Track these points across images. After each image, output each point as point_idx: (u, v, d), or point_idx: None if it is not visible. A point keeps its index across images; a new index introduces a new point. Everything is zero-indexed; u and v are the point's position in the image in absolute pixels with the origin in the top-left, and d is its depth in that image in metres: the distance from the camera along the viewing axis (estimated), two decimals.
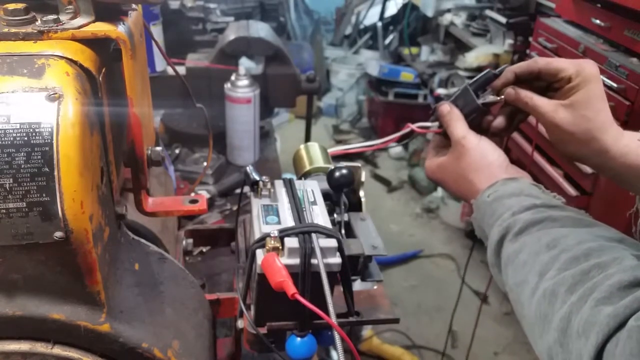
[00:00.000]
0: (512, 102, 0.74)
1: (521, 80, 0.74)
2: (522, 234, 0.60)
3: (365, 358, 2.29)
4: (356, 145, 0.89)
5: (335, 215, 0.85)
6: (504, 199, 0.65)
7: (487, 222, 0.67)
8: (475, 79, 0.78)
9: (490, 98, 0.76)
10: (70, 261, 0.57)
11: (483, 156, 0.72)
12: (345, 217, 0.86)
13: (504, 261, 0.62)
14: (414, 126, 0.81)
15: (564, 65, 0.70)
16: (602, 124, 0.68)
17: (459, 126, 0.74)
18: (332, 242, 0.71)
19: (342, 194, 0.86)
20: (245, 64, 1.77)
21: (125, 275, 0.68)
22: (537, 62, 0.72)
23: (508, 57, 2.70)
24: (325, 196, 0.85)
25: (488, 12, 3.03)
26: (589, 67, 0.69)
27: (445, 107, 0.77)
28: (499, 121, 0.77)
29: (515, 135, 2.39)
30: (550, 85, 0.72)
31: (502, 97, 0.75)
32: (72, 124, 0.53)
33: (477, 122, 0.77)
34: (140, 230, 0.89)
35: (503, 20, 2.74)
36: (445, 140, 0.79)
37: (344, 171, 0.85)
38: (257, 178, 0.80)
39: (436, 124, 0.80)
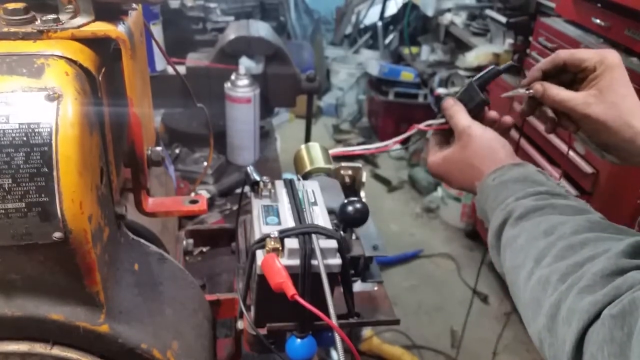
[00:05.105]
0: (540, 98, 0.75)
1: (548, 76, 0.76)
2: (522, 219, 0.61)
3: (365, 358, 2.29)
4: (359, 147, 0.89)
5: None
6: (508, 184, 0.66)
7: (490, 205, 0.67)
8: (479, 75, 0.79)
9: (521, 91, 0.77)
10: (69, 262, 0.56)
11: (489, 144, 0.72)
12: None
13: (503, 244, 0.63)
14: (420, 125, 0.82)
15: (587, 55, 0.71)
16: (630, 110, 0.68)
17: (463, 117, 0.76)
18: (332, 243, 0.70)
19: (352, 231, 0.79)
20: (245, 63, 1.77)
21: (124, 275, 0.68)
22: (560, 54, 0.74)
23: (508, 56, 2.71)
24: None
25: (488, 12, 3.03)
26: (611, 55, 0.70)
27: (449, 101, 0.79)
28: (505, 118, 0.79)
29: (514, 134, 2.38)
30: (575, 76, 0.74)
31: (530, 90, 0.76)
32: (71, 124, 0.52)
33: (480, 118, 0.78)
34: (140, 230, 0.89)
35: (503, 19, 2.74)
36: (445, 137, 0.81)
37: (358, 205, 0.76)
38: (258, 178, 0.80)
39: (440, 120, 0.81)
